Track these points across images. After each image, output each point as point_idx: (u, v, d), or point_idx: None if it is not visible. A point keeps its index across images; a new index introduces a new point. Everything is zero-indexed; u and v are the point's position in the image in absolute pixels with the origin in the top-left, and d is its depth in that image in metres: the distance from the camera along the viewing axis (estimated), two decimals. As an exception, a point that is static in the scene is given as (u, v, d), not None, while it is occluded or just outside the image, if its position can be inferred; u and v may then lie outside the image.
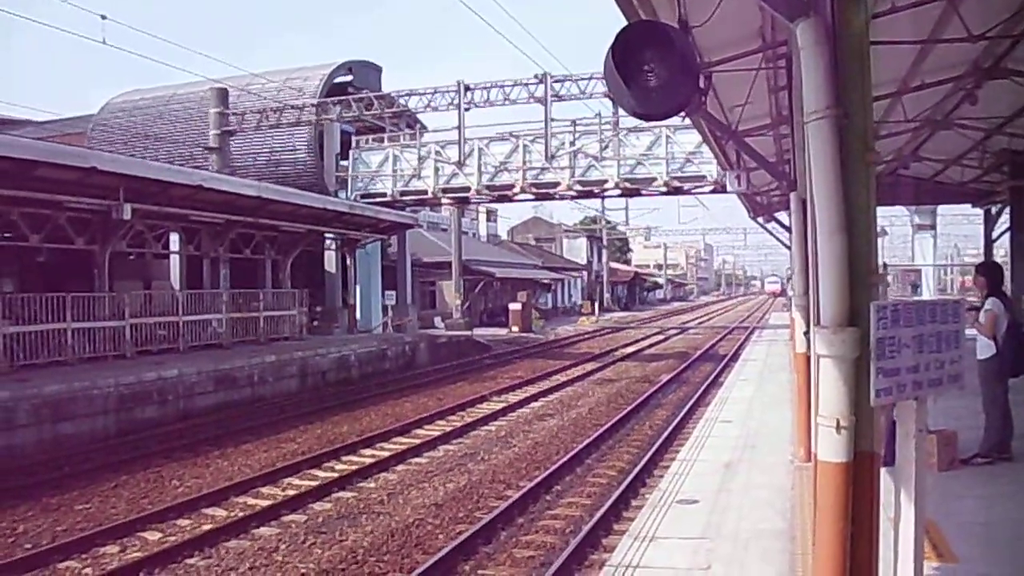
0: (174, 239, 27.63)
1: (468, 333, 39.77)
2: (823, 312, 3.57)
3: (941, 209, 33.41)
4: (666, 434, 16.25)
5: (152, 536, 10.67)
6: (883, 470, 3.69)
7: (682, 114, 6.57)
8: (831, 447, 3.51)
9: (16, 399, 15.33)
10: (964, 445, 9.27)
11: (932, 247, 32.16)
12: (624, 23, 5.27)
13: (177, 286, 28.94)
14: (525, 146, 32.72)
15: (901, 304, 3.68)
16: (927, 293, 30.14)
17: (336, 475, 13.78)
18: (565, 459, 14.33)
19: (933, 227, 32.06)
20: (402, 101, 32.82)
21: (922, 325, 3.72)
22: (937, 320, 3.83)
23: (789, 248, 15.33)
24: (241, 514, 11.50)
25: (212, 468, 14.55)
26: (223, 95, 34.03)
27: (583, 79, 28.60)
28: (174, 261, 29.97)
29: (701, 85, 5.92)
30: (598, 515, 10.86)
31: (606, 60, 4.39)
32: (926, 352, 3.74)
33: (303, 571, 9.29)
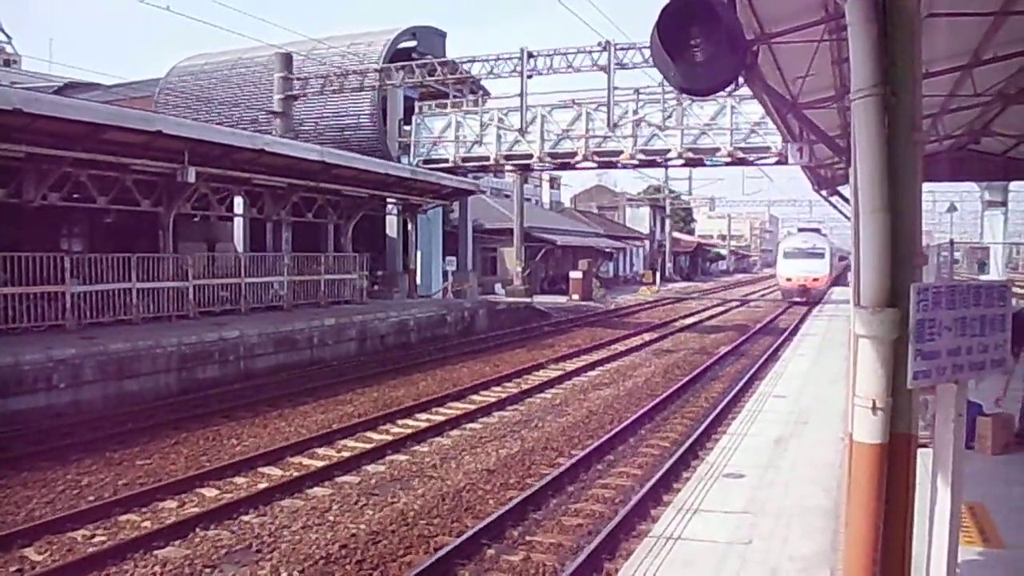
0: (238, 202, 27.94)
1: (528, 300, 39.79)
2: (863, 292, 3.55)
3: (1013, 186, 32.60)
4: (720, 407, 16.21)
5: (209, 492, 10.95)
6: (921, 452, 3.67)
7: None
8: (866, 428, 3.50)
9: (83, 356, 15.74)
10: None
11: (1003, 225, 31.40)
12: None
13: (240, 248, 29.34)
14: (588, 114, 32.50)
15: (944, 286, 3.64)
16: (995, 272, 29.42)
17: (391, 438, 13.98)
18: (618, 429, 14.38)
19: (1004, 204, 31.28)
20: (465, 67, 32.85)
21: (965, 308, 3.68)
22: (982, 303, 3.79)
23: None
24: (296, 474, 11.76)
25: (270, 428, 14.84)
26: (287, 60, 34.34)
27: (647, 47, 28.18)
28: (237, 224, 30.36)
29: (752, 58, 5.81)
30: (647, 486, 10.91)
31: (652, 34, 4.36)
32: (968, 335, 3.70)
33: (354, 531, 9.47)
